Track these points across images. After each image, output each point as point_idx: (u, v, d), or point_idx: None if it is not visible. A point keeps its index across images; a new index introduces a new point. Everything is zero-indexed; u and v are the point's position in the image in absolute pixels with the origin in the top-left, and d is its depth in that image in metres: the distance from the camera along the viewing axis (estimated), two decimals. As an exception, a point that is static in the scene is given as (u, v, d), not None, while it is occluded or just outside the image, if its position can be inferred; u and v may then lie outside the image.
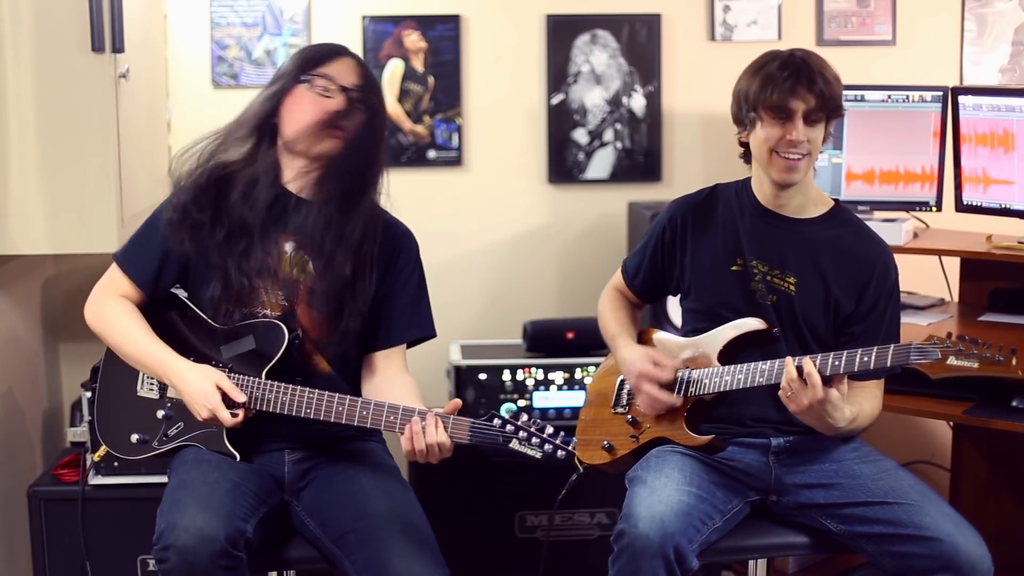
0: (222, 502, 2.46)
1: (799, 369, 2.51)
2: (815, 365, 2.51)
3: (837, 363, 2.52)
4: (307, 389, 2.56)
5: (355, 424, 2.53)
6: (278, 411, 2.56)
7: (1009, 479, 3.64)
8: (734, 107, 2.77)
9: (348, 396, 2.54)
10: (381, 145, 2.70)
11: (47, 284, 3.80)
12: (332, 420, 2.53)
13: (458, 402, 2.51)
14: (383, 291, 2.70)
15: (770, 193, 2.76)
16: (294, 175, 2.65)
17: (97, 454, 2.83)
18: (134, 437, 2.67)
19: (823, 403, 2.50)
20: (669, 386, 2.74)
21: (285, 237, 2.66)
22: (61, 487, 3.35)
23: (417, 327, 2.76)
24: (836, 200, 2.85)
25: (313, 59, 2.65)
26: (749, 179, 2.83)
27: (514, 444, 2.41)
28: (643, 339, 2.91)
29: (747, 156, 2.81)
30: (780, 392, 2.55)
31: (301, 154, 2.63)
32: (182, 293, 2.68)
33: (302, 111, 2.61)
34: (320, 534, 2.58)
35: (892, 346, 2.49)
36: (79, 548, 3.28)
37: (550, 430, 2.43)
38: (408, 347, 2.78)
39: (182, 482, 2.53)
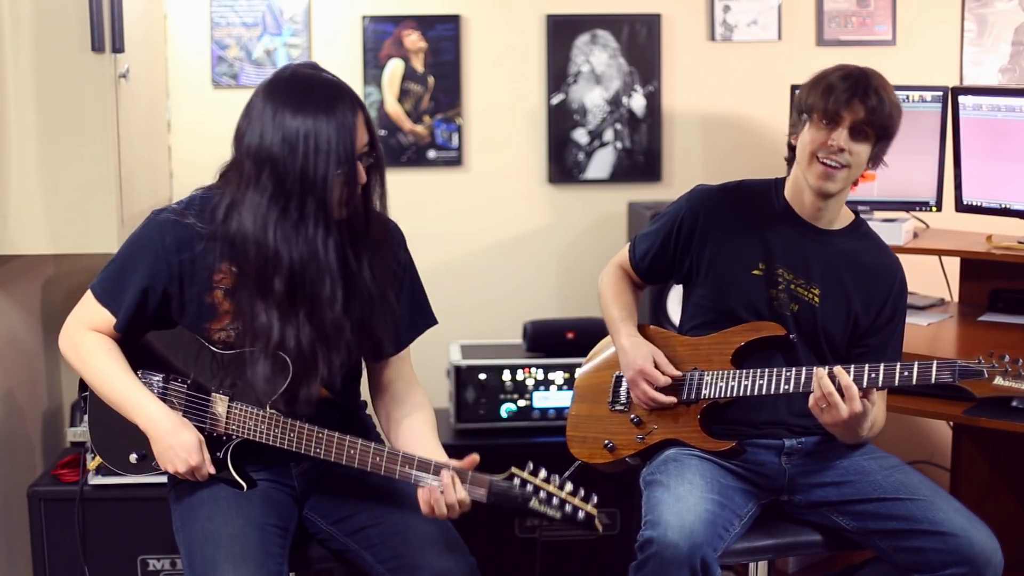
0: (257, 559, 2.39)
1: (832, 379, 2.51)
2: (850, 376, 2.51)
3: (875, 376, 2.52)
4: (315, 428, 2.45)
5: (367, 469, 2.43)
6: (284, 447, 2.47)
7: (1009, 479, 3.64)
8: (793, 111, 2.77)
9: (360, 440, 2.44)
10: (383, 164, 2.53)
11: (47, 284, 3.79)
12: (344, 462, 2.44)
13: (476, 458, 2.41)
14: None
15: (809, 203, 2.73)
16: None
17: (93, 463, 2.78)
18: (133, 457, 2.57)
19: (859, 416, 2.52)
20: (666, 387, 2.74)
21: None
22: (61, 487, 3.35)
23: (418, 324, 2.67)
24: (856, 213, 2.83)
25: (348, 120, 2.38)
26: (781, 181, 2.80)
27: (533, 504, 2.34)
28: (643, 332, 2.88)
29: (791, 160, 2.77)
30: (812, 404, 2.55)
31: None
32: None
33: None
34: (332, 531, 2.56)
35: (935, 362, 2.49)
36: (79, 548, 3.28)
37: (569, 487, 2.35)
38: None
39: (207, 535, 2.44)
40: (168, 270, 2.48)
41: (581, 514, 2.33)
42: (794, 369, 2.62)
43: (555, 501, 2.34)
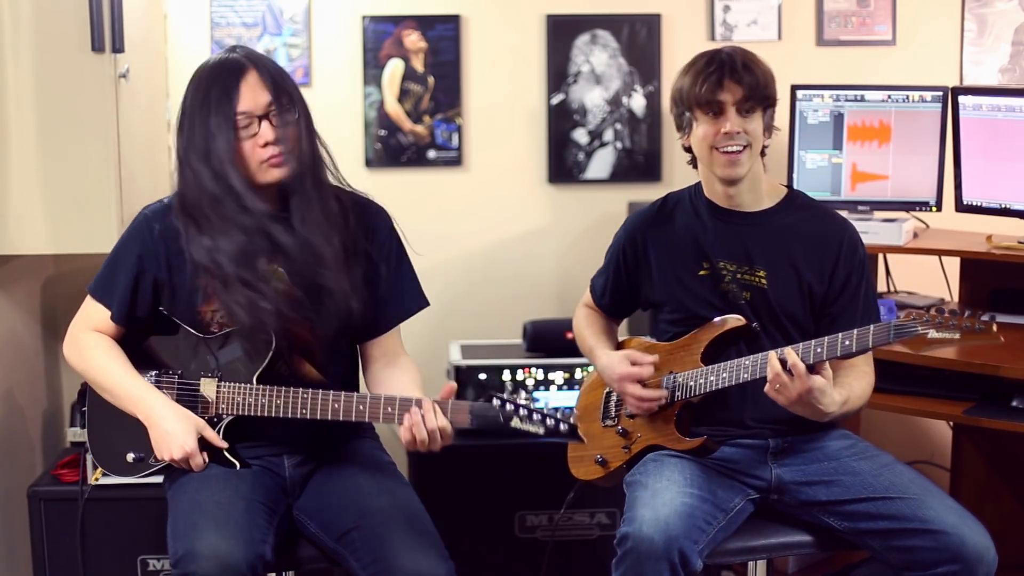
0: (241, 526, 2.42)
1: (783, 361, 2.52)
2: (798, 355, 2.52)
3: (820, 350, 2.53)
4: (300, 390, 2.52)
5: (353, 420, 2.50)
6: (273, 414, 2.52)
7: (1009, 479, 3.64)
8: (673, 112, 2.79)
9: (343, 392, 2.51)
10: (312, 127, 2.58)
11: (47, 284, 3.80)
12: (329, 418, 2.50)
13: (454, 386, 2.50)
14: (366, 276, 2.64)
15: (721, 192, 2.77)
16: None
17: (95, 476, 2.81)
18: (130, 456, 2.61)
19: (811, 392, 2.51)
20: (656, 383, 2.75)
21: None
22: (61, 487, 3.35)
23: (407, 304, 2.70)
24: (789, 187, 2.85)
25: (222, 96, 2.48)
26: (700, 183, 2.84)
27: (515, 422, 2.38)
28: (622, 348, 2.91)
29: (694, 161, 2.81)
30: (767, 387, 2.55)
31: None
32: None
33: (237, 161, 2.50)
34: (320, 534, 2.57)
35: (872, 327, 2.50)
36: (79, 548, 3.28)
37: (549, 405, 2.40)
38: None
39: (194, 503, 2.47)
40: (157, 259, 2.58)
41: (564, 426, 2.38)
42: (751, 356, 2.63)
43: (536, 417, 2.38)
